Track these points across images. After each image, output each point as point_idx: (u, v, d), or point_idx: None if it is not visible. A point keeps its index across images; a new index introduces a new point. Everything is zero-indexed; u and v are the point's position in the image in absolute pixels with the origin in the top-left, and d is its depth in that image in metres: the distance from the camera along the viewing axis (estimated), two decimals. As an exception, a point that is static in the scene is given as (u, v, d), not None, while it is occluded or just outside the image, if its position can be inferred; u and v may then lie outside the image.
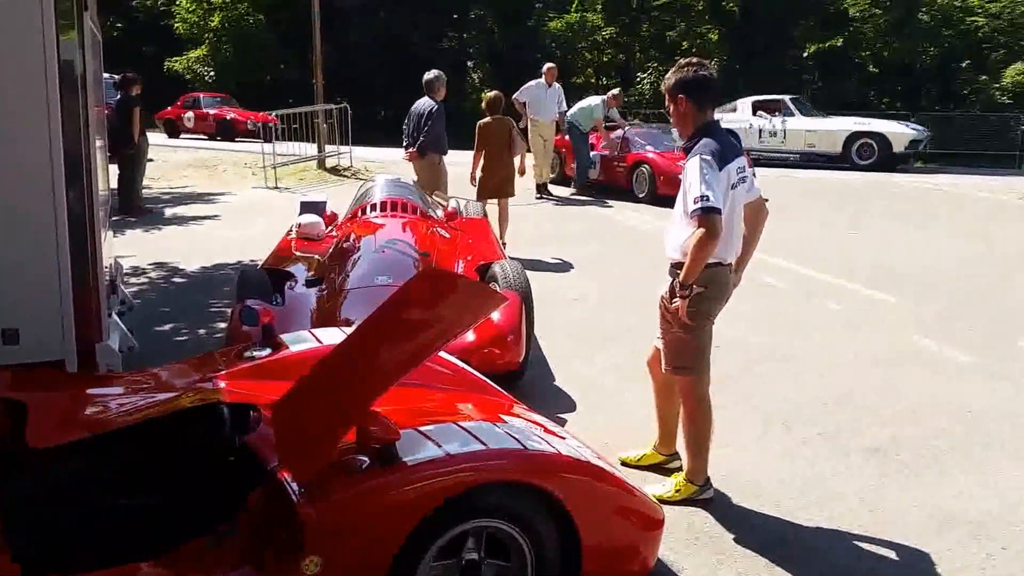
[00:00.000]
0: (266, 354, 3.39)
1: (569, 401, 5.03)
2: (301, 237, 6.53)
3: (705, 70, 3.73)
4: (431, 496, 2.52)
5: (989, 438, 4.53)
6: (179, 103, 24.46)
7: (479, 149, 8.83)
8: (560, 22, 26.52)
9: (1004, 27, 22.67)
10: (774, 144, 17.48)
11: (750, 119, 17.54)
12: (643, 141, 13.34)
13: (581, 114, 13.24)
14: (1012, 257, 8.94)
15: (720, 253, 3.62)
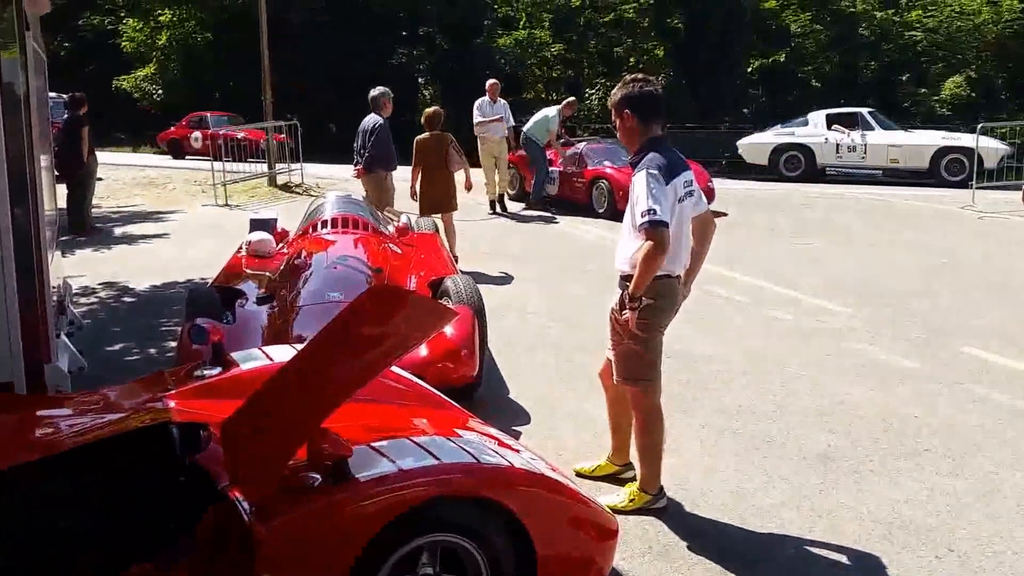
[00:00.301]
0: (216, 372, 3.35)
1: (524, 414, 5.05)
2: (251, 254, 6.48)
3: (650, 86, 3.80)
4: (384, 512, 2.51)
5: (933, 444, 4.64)
6: (183, 123, 23.46)
7: (416, 164, 8.87)
8: (509, 38, 26.71)
9: (941, 41, 23.39)
10: (853, 160, 16.95)
11: (825, 133, 16.99)
12: (601, 156, 13.23)
13: (537, 127, 13.18)
14: (955, 266, 9.19)
15: (668, 265, 3.68)
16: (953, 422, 4.92)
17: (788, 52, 24.42)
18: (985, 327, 6.77)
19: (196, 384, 3.28)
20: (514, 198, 13.65)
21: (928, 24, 23.42)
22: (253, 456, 2.52)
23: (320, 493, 2.52)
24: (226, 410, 2.75)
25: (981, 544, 3.63)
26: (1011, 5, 22.30)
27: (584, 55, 27.69)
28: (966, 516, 3.86)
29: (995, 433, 4.76)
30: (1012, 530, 3.73)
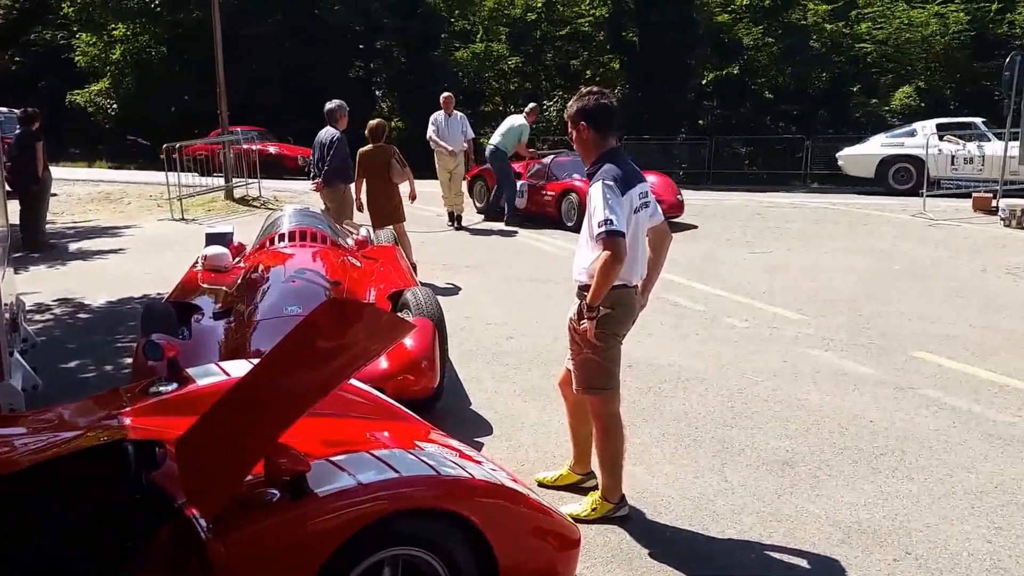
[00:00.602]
0: (172, 389, 3.29)
1: (485, 425, 5.05)
2: (207, 269, 6.40)
3: (605, 98, 3.83)
4: (344, 527, 2.49)
5: (888, 447, 4.72)
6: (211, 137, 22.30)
7: (359, 177, 8.85)
8: (466, 51, 26.76)
9: (891, 53, 23.85)
10: (969, 172, 15.74)
11: (937, 144, 15.82)
12: (569, 169, 12.95)
13: (508, 138, 12.89)
14: (908, 273, 9.37)
15: (625, 275, 3.71)
16: (908, 426, 5.00)
17: (741, 64, 24.75)
18: (938, 332, 6.91)
19: (152, 401, 3.23)
20: (483, 211, 13.48)
21: (877, 36, 23.87)
22: (209, 473, 2.48)
23: (278, 509, 2.49)
24: (182, 427, 2.72)
25: (937, 546, 3.69)
26: (958, 17, 22.82)
27: (541, 68, 27.82)
28: (922, 519, 3.93)
29: (949, 436, 4.85)
30: (967, 532, 3.80)
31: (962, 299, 8.06)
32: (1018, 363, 6.09)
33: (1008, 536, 3.76)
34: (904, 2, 23.93)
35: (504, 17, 27.34)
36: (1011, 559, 3.58)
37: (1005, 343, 6.61)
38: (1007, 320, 7.27)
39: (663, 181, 12.89)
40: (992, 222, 12.82)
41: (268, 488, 2.53)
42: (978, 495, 4.15)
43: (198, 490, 2.48)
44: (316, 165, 8.92)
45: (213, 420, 2.51)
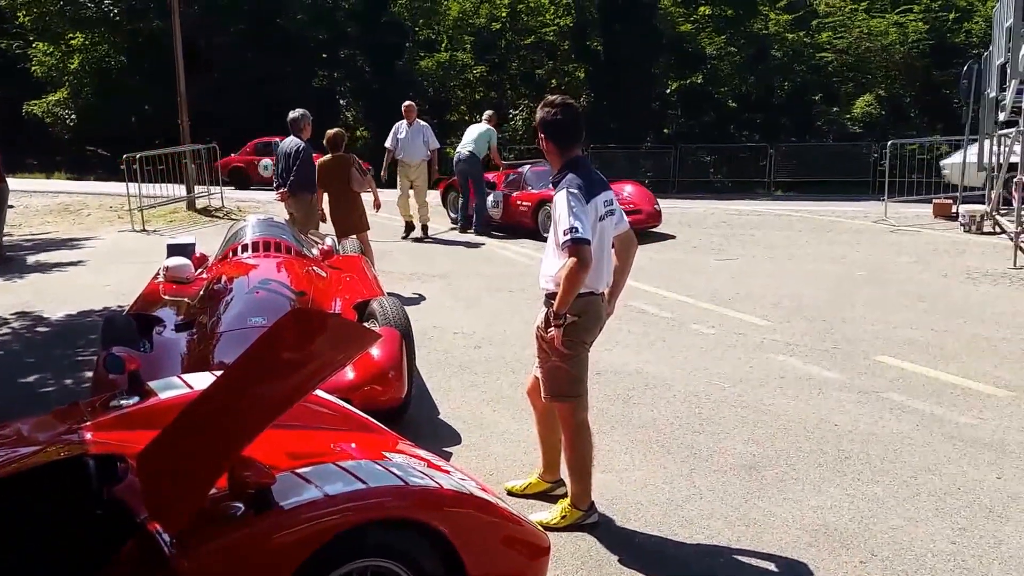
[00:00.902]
0: (134, 402, 3.24)
1: (454, 434, 5.02)
2: (169, 280, 6.31)
3: (564, 110, 3.82)
4: (311, 539, 2.46)
5: (852, 451, 4.76)
6: (247, 149, 21.38)
7: (320, 187, 8.79)
8: (431, 61, 26.76)
9: (851, 61, 24.26)
10: None
11: None
12: (546, 179, 12.59)
13: (479, 146, 12.76)
14: (870, 278, 9.49)
15: (591, 283, 3.72)
16: (872, 429, 5.06)
17: (704, 73, 25.03)
18: (900, 337, 7.00)
19: (113, 415, 3.17)
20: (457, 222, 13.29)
21: (838, 45, 24.25)
22: (171, 487, 2.44)
23: (243, 523, 2.45)
24: (144, 441, 2.67)
25: (903, 548, 3.73)
26: (917, 27, 23.26)
27: (506, 77, 27.90)
28: (888, 521, 3.97)
29: (912, 439, 4.91)
30: (932, 533, 3.85)
31: (924, 304, 8.18)
32: (979, 366, 6.19)
33: (971, 536, 3.81)
34: (864, 12, 24.34)
35: (469, 26, 27.41)
36: (974, 559, 3.63)
37: (966, 347, 6.72)
38: (968, 324, 7.38)
39: (639, 191, 12.90)
40: (952, 228, 13.05)
41: (232, 502, 2.49)
42: (942, 496, 4.20)
43: (161, 505, 2.44)
44: (281, 175, 8.85)
45: (176, 433, 2.47)
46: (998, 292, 8.69)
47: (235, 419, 2.45)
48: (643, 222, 12.07)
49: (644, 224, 12.07)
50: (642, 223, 12.03)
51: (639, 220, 12.02)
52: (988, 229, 12.47)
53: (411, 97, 14.33)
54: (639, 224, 11.91)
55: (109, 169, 21.95)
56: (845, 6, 24.81)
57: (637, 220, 11.91)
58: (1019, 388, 5.71)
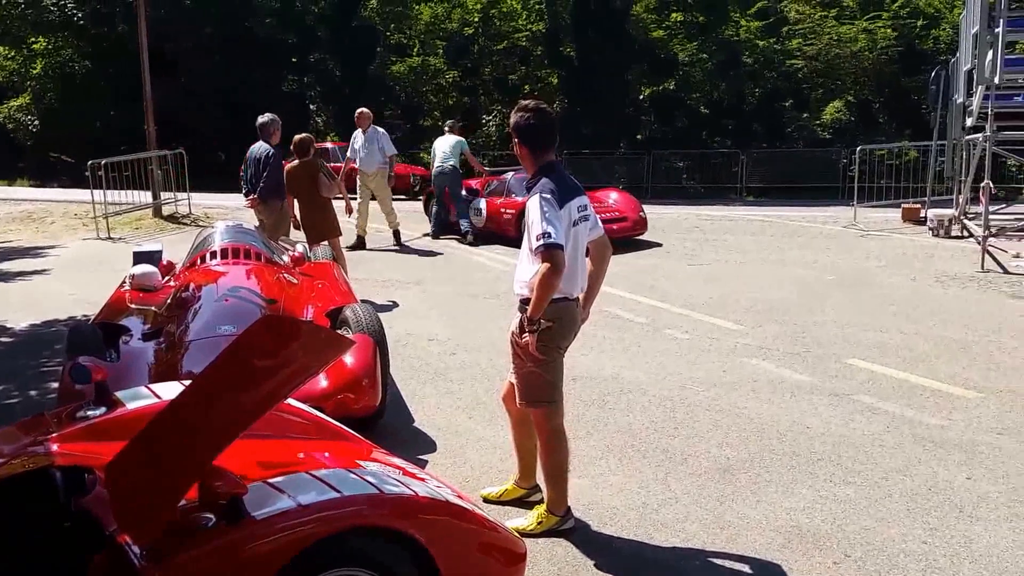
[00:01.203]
0: (100, 413, 3.18)
1: (429, 442, 4.99)
2: (136, 288, 6.21)
3: (535, 117, 3.81)
4: (284, 549, 2.42)
5: (824, 453, 4.79)
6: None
7: (289, 194, 8.73)
8: (403, 65, 26.69)
9: (821, 68, 24.54)
10: None
11: None
12: None
13: (453, 154, 12.57)
14: (841, 282, 9.58)
15: (566, 288, 3.71)
16: (844, 432, 5.10)
17: (677, 80, 25.20)
18: (870, 340, 7.06)
19: (80, 426, 3.11)
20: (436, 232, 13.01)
21: (808, 52, 24.54)
22: (141, 498, 2.39)
23: (214, 534, 2.41)
24: (112, 452, 2.62)
25: (875, 548, 3.75)
26: (885, 33, 23.60)
27: (479, 82, 27.91)
28: (860, 522, 3.99)
29: (883, 441, 4.95)
30: (903, 533, 3.88)
31: (893, 307, 8.27)
32: (948, 368, 6.27)
33: (942, 536, 3.84)
34: (833, 19, 24.63)
35: (441, 31, 27.37)
36: (945, 558, 3.66)
37: (935, 349, 6.79)
38: (936, 327, 7.47)
39: (625, 198, 12.79)
40: (921, 232, 13.23)
41: (203, 513, 2.46)
42: (912, 497, 4.24)
43: (131, 516, 2.39)
44: (249, 181, 8.76)
45: (145, 444, 2.42)
46: (966, 295, 8.81)
47: (205, 429, 2.42)
48: (629, 229, 12.03)
49: (630, 232, 12.03)
50: (628, 230, 12.00)
51: (625, 227, 12.01)
52: (956, 233, 12.65)
53: (383, 101, 14.21)
54: (625, 231, 11.91)
55: (73, 176, 21.68)
56: (815, 13, 25.13)
57: (623, 227, 11.92)
58: (987, 390, 5.79)
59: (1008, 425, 5.16)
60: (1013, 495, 4.25)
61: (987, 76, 10.53)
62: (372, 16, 27.39)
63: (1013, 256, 10.80)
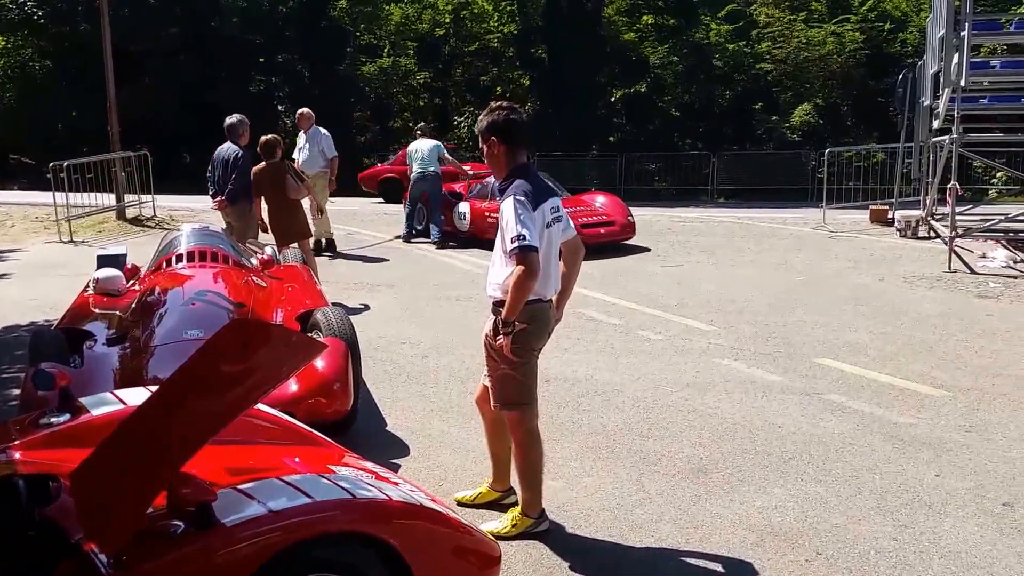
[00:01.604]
0: (65, 420, 3.12)
1: (402, 445, 4.96)
2: (100, 293, 6.08)
3: (515, 113, 3.83)
4: (255, 556, 2.39)
5: (795, 452, 4.82)
6: (398, 159, 18.75)
7: (256, 195, 8.64)
8: (373, 66, 26.57)
9: (790, 71, 24.76)
10: None
11: None
12: None
13: (431, 159, 12.30)
14: (810, 283, 9.66)
15: (539, 290, 3.70)
16: (814, 431, 5.13)
17: (648, 82, 25.32)
18: (840, 340, 7.13)
19: (43, 433, 3.05)
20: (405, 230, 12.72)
21: (777, 55, 24.76)
22: (108, 506, 2.35)
23: (184, 541, 2.38)
24: (77, 459, 2.58)
25: (846, 546, 3.78)
26: (853, 37, 23.86)
27: (451, 84, 27.87)
28: (831, 519, 4.02)
29: (853, 439, 4.99)
30: (874, 531, 3.91)
31: (862, 307, 8.35)
32: (916, 367, 6.33)
33: (912, 534, 3.88)
34: (802, 22, 24.87)
35: (411, 32, 27.26)
36: (915, 555, 3.69)
37: (903, 348, 6.87)
38: (904, 327, 7.56)
39: (612, 202, 12.51)
40: (888, 233, 13.37)
41: (172, 520, 2.42)
42: (882, 495, 4.27)
43: (97, 524, 2.35)
44: (217, 183, 8.66)
45: (112, 450, 2.38)
46: (933, 295, 8.92)
47: (174, 435, 2.38)
48: (617, 234, 11.80)
49: (618, 236, 11.80)
50: (616, 235, 11.77)
51: (613, 232, 11.77)
52: (923, 234, 12.81)
53: (353, 102, 14.04)
54: (613, 236, 11.72)
55: (34, 178, 21.33)
56: (784, 17, 25.33)
57: (611, 232, 11.71)
58: (955, 388, 5.86)
59: (975, 423, 5.23)
60: (980, 492, 4.30)
61: (953, 79, 10.66)
62: (341, 16, 27.22)
63: (979, 257, 10.96)
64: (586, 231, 11.09)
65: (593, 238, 11.13)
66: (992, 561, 3.64)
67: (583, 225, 11.18)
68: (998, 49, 13.64)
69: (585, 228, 11.14)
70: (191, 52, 25.24)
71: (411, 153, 12.82)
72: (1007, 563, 3.63)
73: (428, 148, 12.54)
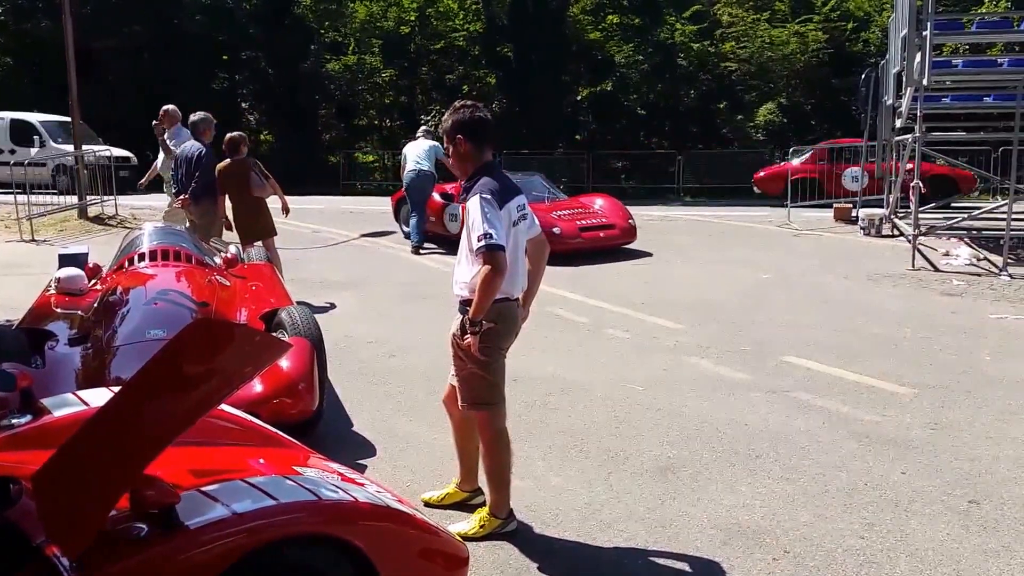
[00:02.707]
0: (26, 421, 3.05)
1: (368, 446, 4.91)
2: (61, 292, 5.97)
3: (480, 111, 3.81)
4: (220, 559, 2.35)
5: (763, 450, 4.85)
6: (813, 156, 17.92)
7: (221, 192, 8.55)
8: (338, 64, 26.36)
9: (754, 71, 24.96)
10: None
11: None
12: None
13: (428, 159, 11.96)
14: (776, 281, 9.75)
15: (507, 288, 3.68)
16: (781, 428, 5.16)
17: (614, 81, 25.39)
18: (806, 338, 7.19)
19: (3, 435, 2.98)
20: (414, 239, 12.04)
21: (741, 55, 24.94)
22: (70, 508, 2.30)
23: (147, 544, 2.33)
24: (38, 461, 2.51)
25: (813, 544, 3.80)
26: (816, 36, 24.09)
27: (417, 82, 27.72)
28: (798, 518, 4.04)
29: (820, 437, 5.03)
30: (841, 529, 3.93)
31: (827, 305, 8.44)
32: (881, 365, 6.40)
33: (879, 532, 3.91)
34: (766, 22, 25.07)
35: (376, 30, 27.06)
36: (882, 553, 3.72)
37: (868, 346, 6.94)
38: (869, 324, 7.64)
39: (611, 205, 12.10)
40: (852, 231, 13.54)
41: (135, 523, 2.37)
42: (849, 493, 4.30)
43: (60, 527, 2.29)
44: (181, 181, 8.54)
45: (74, 451, 2.32)
46: (897, 293, 9.04)
47: (136, 436, 2.32)
48: (617, 238, 11.51)
49: (618, 241, 11.55)
50: (616, 239, 11.49)
51: (612, 235, 11.45)
52: (887, 232, 12.99)
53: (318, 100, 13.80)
54: (613, 240, 11.44)
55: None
56: (747, 17, 25.51)
57: (610, 235, 11.41)
58: (920, 385, 5.93)
59: (940, 420, 5.29)
60: (947, 489, 4.34)
61: (916, 78, 10.81)
62: (306, 14, 26.94)
63: (943, 254, 11.14)
64: (585, 235, 11.17)
65: (592, 242, 11.16)
66: (958, 559, 3.68)
67: (582, 228, 11.22)
68: (960, 48, 13.86)
69: (584, 232, 11.21)
70: (154, 50, 24.89)
71: (404, 154, 12.39)
72: (973, 560, 3.67)
73: (424, 149, 12.13)
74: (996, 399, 5.68)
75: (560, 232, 10.80)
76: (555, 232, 10.58)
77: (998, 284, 9.45)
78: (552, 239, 10.07)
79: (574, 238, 11.06)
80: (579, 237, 11.15)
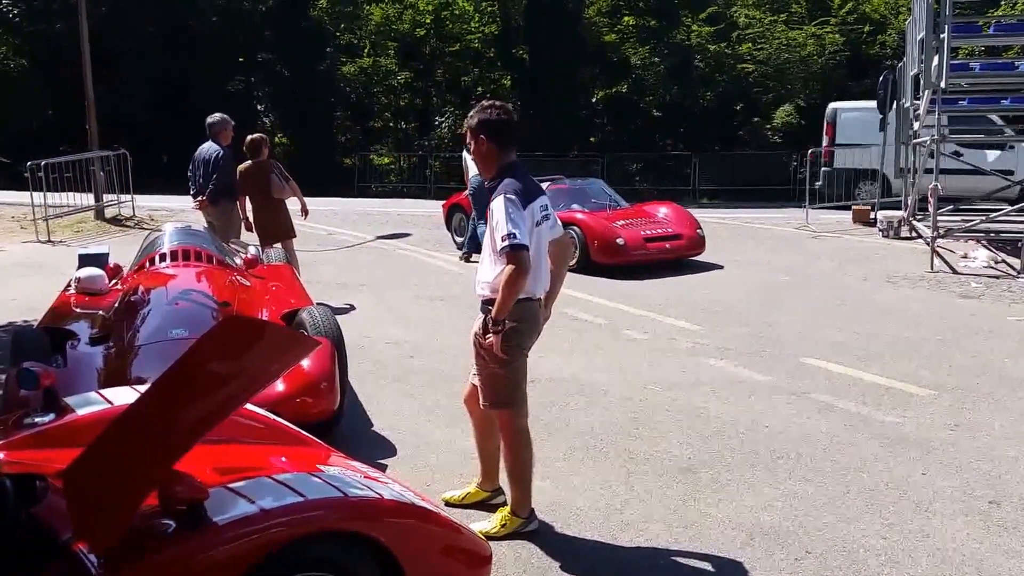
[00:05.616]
0: (50, 419, 3.07)
1: (389, 446, 4.92)
2: (81, 292, 6.01)
3: (507, 113, 3.84)
4: (247, 555, 2.37)
5: (784, 451, 4.83)
6: None
7: (242, 194, 8.59)
8: (353, 66, 26.44)
9: (771, 73, 24.86)
10: None
11: None
12: (567, 199, 11.04)
13: None
14: (795, 283, 9.71)
15: (530, 288, 3.69)
16: (802, 430, 5.14)
17: (630, 83, 25.35)
18: (825, 339, 7.16)
19: (28, 433, 3.00)
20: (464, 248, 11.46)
21: (758, 56, 24.83)
22: (99, 504, 2.32)
23: (175, 540, 2.35)
24: (63, 459, 2.54)
25: (835, 544, 3.78)
26: (833, 39, 23.99)
27: (432, 84, 27.78)
28: (820, 518, 4.03)
29: (841, 438, 5.01)
30: (863, 529, 3.92)
31: (846, 307, 8.40)
32: (901, 366, 6.37)
33: (900, 532, 3.89)
34: (783, 24, 24.98)
35: (392, 32, 27.14)
36: (903, 553, 3.70)
37: (888, 348, 6.90)
38: (888, 326, 7.60)
39: (677, 213, 11.19)
40: (871, 233, 13.46)
41: (163, 519, 2.39)
42: (871, 493, 4.28)
43: (88, 524, 2.31)
44: (198, 182, 8.58)
45: (103, 448, 2.34)
46: (916, 295, 8.99)
47: (165, 433, 2.34)
48: (684, 249, 10.61)
49: (686, 252, 10.65)
50: (683, 250, 10.62)
51: (679, 246, 10.57)
52: (905, 234, 12.91)
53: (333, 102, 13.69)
54: (679, 251, 10.60)
55: (10, 177, 20.97)
56: (764, 18, 25.43)
57: (676, 246, 10.54)
58: (939, 387, 5.89)
59: (960, 421, 5.26)
60: (967, 489, 4.32)
61: (933, 81, 10.75)
62: (321, 16, 27.06)
63: (961, 257, 11.06)
64: (650, 245, 10.35)
65: (658, 253, 10.35)
66: (980, 559, 3.66)
67: (647, 239, 10.37)
68: (976, 51, 13.77)
69: (649, 242, 10.36)
70: (169, 51, 25.02)
71: (465, 162, 11.67)
72: (995, 560, 3.65)
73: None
74: (1016, 400, 5.65)
75: (624, 243, 10.09)
76: (618, 243, 10.06)
77: (1016, 286, 9.38)
78: (615, 251, 10.00)
79: (639, 249, 10.21)
80: (644, 248, 10.29)
